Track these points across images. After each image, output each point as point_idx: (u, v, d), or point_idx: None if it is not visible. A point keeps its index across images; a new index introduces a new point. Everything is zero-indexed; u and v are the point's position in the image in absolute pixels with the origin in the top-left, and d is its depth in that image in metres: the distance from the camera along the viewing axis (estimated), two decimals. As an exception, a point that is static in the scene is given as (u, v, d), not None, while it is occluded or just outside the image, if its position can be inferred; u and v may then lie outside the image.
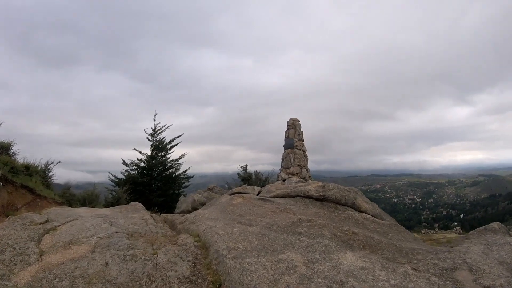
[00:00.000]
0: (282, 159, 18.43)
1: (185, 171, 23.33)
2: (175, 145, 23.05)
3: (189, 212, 14.01)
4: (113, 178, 21.51)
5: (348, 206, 10.04)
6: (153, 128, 22.95)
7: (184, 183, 23.26)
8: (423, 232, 43.04)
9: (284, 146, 18.61)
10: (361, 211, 9.98)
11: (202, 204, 15.05)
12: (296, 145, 18.10)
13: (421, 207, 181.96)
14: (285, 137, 18.51)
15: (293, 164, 17.69)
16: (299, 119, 18.65)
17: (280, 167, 18.62)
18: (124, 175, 21.54)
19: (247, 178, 20.19)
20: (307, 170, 18.27)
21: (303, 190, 11.59)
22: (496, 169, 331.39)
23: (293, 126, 18.26)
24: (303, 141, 18.59)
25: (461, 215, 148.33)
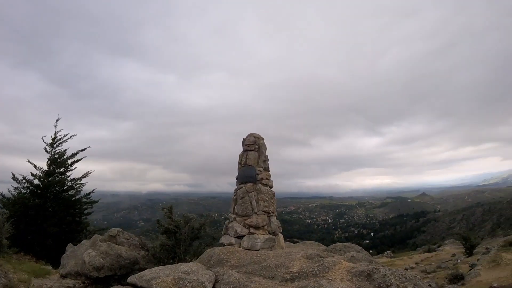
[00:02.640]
0: (235, 200, 10.93)
1: (89, 193, 19.04)
2: (78, 160, 18.64)
3: (78, 276, 10.92)
4: (0, 197, 17.26)
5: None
6: (53, 136, 18.39)
7: (86, 209, 18.74)
8: (353, 260, 37.51)
9: (238, 178, 11.08)
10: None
11: (97, 269, 10.78)
12: (262, 178, 10.74)
13: (333, 227, 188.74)
14: (241, 163, 10.99)
15: (256, 211, 10.26)
16: (263, 137, 11.33)
17: (231, 213, 11.12)
18: (12, 195, 17.02)
19: (172, 230, 12.32)
20: (276, 217, 10.98)
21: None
22: (403, 192, 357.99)
23: (256, 147, 10.87)
24: (269, 170, 11.31)
25: (372, 234, 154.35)
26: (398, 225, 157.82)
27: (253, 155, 10.89)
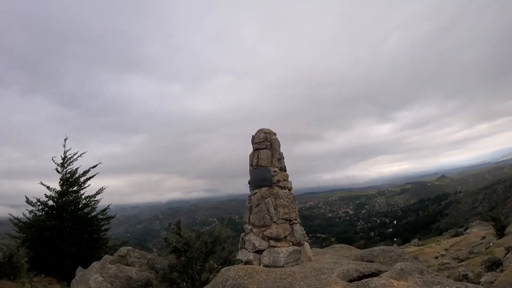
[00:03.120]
0: (249, 208, 9.27)
1: (105, 209, 18.73)
2: (91, 177, 18.26)
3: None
4: (16, 221, 16.77)
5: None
6: (63, 156, 18.00)
7: (103, 225, 18.39)
8: (380, 247, 36.12)
9: (250, 182, 9.44)
10: None
11: (106, 297, 8.60)
12: (278, 180, 9.05)
13: (355, 218, 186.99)
14: (252, 164, 9.34)
15: (275, 219, 8.59)
16: (274, 132, 9.61)
17: (246, 223, 9.46)
18: (28, 218, 16.76)
19: (182, 248, 10.72)
20: (300, 224, 9.23)
21: None
22: (422, 176, 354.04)
23: (268, 144, 9.19)
24: (285, 170, 9.61)
25: (395, 222, 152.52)
26: (420, 211, 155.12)
27: (266, 154, 9.16)
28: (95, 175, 18.47)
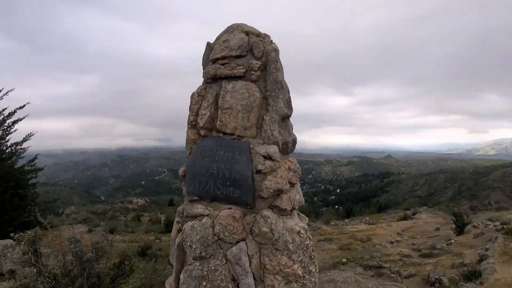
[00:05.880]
0: (178, 248, 2.90)
1: (33, 160, 15.15)
2: (19, 119, 14.61)
3: None
4: None
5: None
6: None
7: (31, 178, 15.00)
8: (332, 224, 32.74)
9: (187, 189, 3.01)
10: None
11: None
12: (280, 190, 2.59)
13: (301, 182, 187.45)
14: (197, 125, 2.80)
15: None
16: (271, 37, 3.15)
17: (168, 278, 3.27)
18: None
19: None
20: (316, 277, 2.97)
21: None
22: (369, 152, 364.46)
23: (255, 65, 2.39)
24: (293, 148, 3.22)
25: (338, 190, 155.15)
26: (363, 183, 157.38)
27: (242, 94, 2.53)
28: (24, 117, 15.24)
